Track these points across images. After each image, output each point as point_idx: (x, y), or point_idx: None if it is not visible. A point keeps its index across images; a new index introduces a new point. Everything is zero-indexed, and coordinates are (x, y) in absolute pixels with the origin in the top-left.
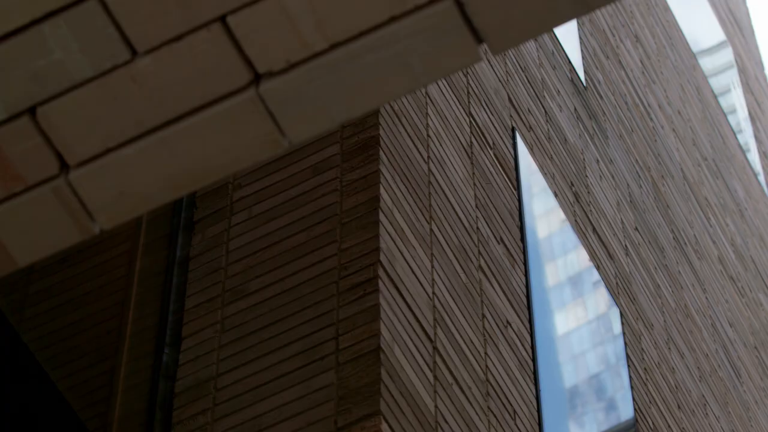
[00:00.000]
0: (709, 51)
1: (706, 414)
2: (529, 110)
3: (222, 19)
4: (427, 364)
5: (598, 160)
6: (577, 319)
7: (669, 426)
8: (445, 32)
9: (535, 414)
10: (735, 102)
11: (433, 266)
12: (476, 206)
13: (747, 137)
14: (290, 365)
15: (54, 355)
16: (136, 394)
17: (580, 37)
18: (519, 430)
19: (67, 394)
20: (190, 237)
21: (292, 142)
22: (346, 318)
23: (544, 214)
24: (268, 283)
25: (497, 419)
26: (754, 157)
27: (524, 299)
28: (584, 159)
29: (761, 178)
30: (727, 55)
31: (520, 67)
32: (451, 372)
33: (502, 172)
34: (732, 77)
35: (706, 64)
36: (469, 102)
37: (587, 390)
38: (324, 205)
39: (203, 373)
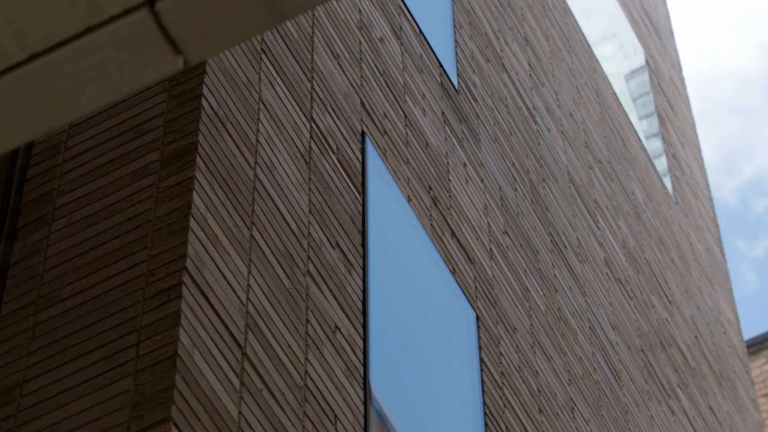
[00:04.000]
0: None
1: (573, 417)
2: (385, 114)
3: None
4: (234, 370)
5: (465, 164)
6: (426, 324)
7: (525, 429)
8: (141, 42)
9: (361, 419)
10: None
11: (250, 272)
12: (310, 211)
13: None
14: (92, 371)
15: None
16: None
17: (456, 41)
18: None
19: None
20: (12, 244)
21: None
22: (148, 324)
23: (394, 218)
24: (79, 289)
25: (314, 424)
26: (661, 158)
27: (359, 304)
28: (448, 163)
29: (666, 180)
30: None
31: (379, 72)
32: (261, 378)
33: (346, 177)
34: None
35: (633, 86)
36: (311, 107)
37: (432, 395)
38: (140, 212)
39: (11, 380)
